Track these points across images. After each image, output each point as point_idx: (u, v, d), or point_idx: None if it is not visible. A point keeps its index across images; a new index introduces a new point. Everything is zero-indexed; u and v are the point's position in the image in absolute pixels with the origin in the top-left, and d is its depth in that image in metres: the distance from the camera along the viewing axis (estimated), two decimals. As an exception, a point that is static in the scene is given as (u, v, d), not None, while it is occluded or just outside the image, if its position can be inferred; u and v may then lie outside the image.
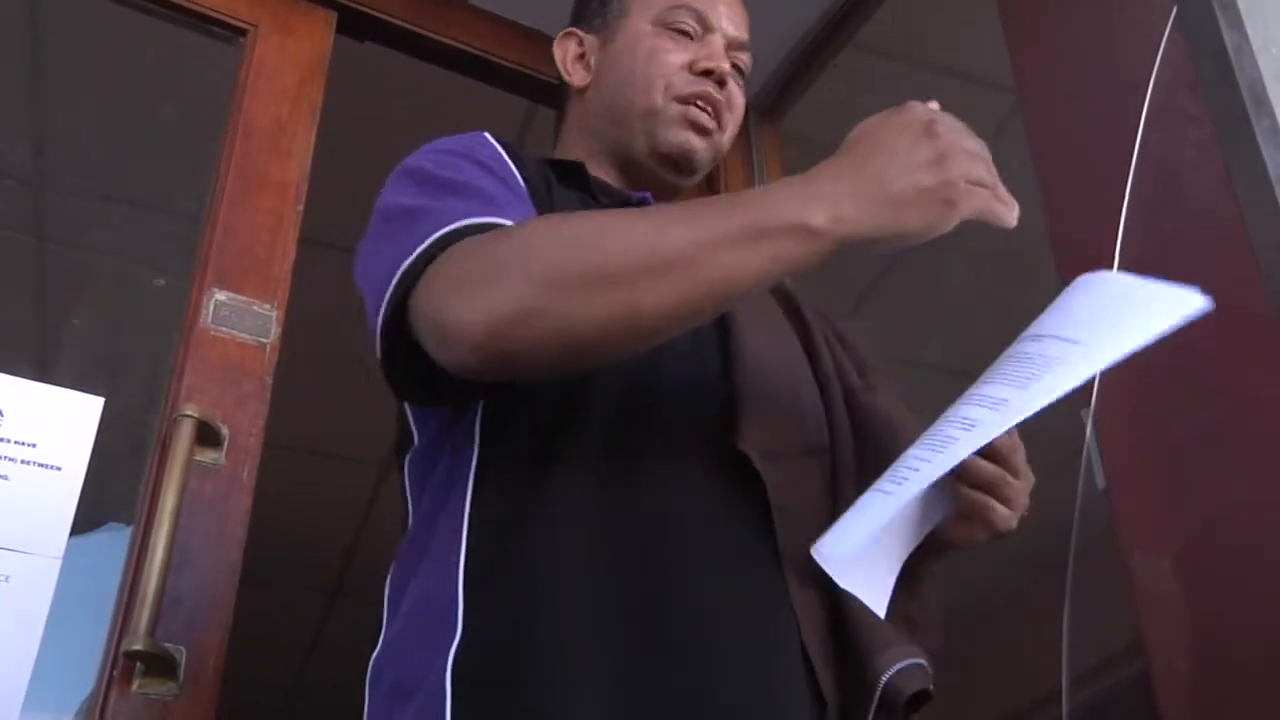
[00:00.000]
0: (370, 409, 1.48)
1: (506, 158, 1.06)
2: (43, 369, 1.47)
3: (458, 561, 0.91)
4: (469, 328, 0.84)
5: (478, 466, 0.96)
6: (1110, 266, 1.16)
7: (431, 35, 2.24)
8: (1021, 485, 0.99)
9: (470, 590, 0.90)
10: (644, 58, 1.21)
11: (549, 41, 1.33)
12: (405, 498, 1.06)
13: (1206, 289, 0.81)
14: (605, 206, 1.12)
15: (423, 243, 0.90)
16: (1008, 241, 0.92)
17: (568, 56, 1.28)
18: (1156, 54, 1.19)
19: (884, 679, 0.91)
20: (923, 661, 0.95)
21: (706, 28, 1.23)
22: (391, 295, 0.90)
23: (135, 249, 2.35)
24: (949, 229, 0.85)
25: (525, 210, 0.99)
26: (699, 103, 1.19)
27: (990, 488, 0.97)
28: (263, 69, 1.98)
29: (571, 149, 1.24)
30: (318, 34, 2.08)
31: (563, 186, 1.13)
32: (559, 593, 0.88)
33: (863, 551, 0.91)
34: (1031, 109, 1.75)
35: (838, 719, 0.92)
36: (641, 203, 1.15)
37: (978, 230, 0.85)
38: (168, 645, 1.41)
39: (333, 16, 2.11)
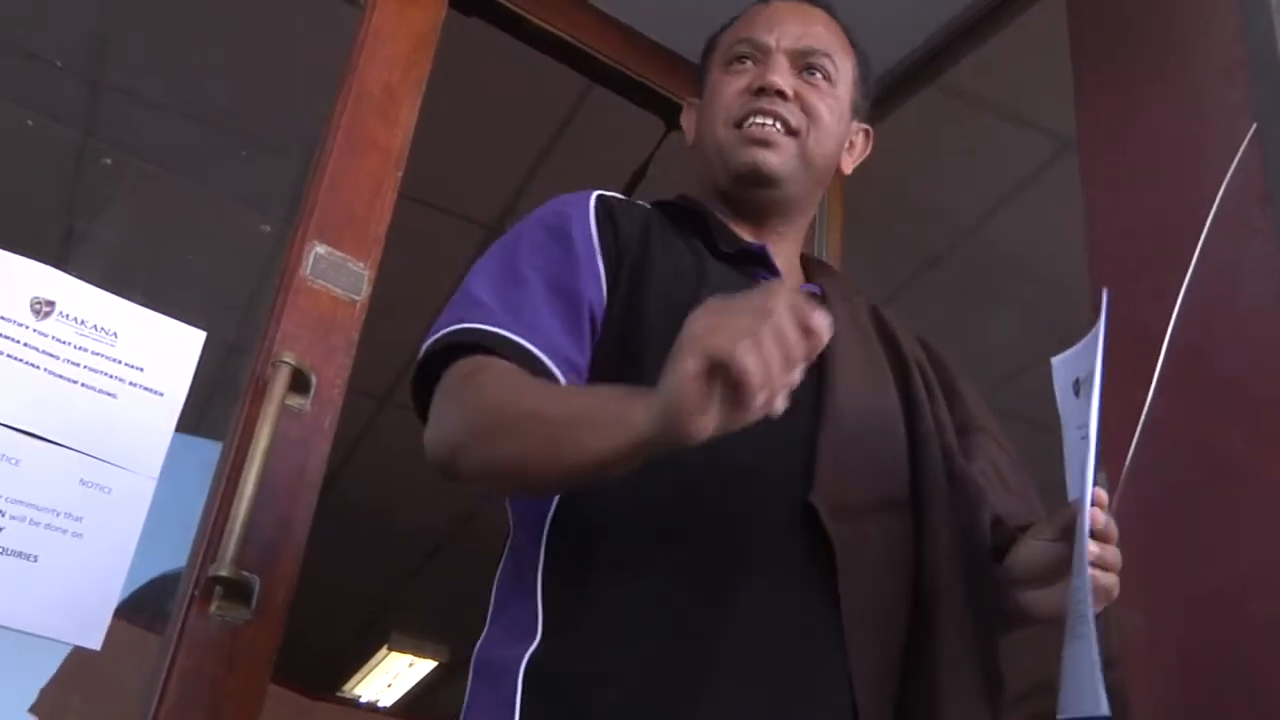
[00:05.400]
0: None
1: (593, 229, 1.16)
2: (150, 294, 1.58)
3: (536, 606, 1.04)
4: (430, 453, 1.05)
5: (552, 520, 1.07)
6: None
7: (536, 21, 2.31)
8: (1116, 552, 1.02)
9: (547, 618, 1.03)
10: (709, 98, 1.31)
11: (648, 45, 1.40)
12: (507, 511, 1.16)
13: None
14: (724, 254, 1.22)
15: (443, 330, 1.10)
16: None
17: (689, 124, 1.37)
18: (1231, 164, 1.21)
19: None
20: None
21: (764, 51, 1.28)
22: (415, 375, 1.11)
23: (247, 191, 2.45)
24: (700, 424, 0.83)
25: (573, 290, 1.12)
26: (756, 119, 1.24)
27: (1105, 565, 1.00)
28: (379, 35, 2.05)
29: (702, 200, 1.31)
30: (432, 5, 2.15)
31: (676, 231, 1.22)
32: (621, 621, 1.00)
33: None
34: (1091, 184, 1.73)
35: None
36: (759, 255, 1.24)
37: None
38: (245, 573, 1.49)
39: (447, -12, 2.18)
